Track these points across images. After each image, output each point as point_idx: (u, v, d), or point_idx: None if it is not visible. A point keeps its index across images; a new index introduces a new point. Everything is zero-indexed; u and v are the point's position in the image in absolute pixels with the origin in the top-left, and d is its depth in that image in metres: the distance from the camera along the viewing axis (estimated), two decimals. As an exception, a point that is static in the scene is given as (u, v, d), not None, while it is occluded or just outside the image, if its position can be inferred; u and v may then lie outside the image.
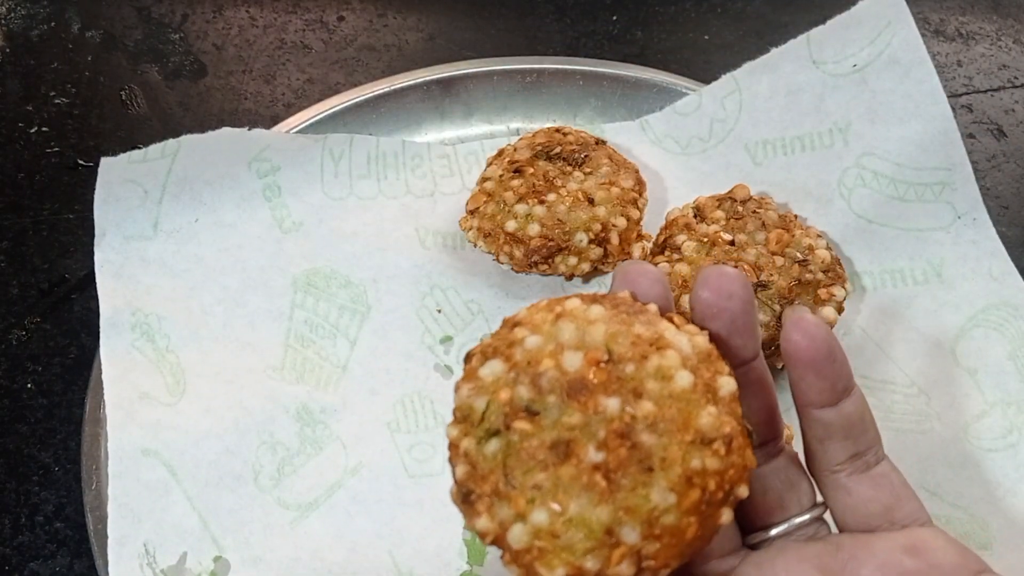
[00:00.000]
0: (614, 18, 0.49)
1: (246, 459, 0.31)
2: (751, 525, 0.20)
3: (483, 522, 0.17)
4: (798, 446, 0.20)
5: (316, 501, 0.31)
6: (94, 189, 0.34)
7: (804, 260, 0.33)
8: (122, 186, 0.35)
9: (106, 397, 0.31)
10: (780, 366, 0.33)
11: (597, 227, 0.34)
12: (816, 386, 0.18)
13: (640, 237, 0.36)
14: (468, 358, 0.19)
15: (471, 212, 0.36)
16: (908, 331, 0.35)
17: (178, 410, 0.32)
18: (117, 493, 0.30)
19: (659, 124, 0.39)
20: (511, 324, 0.18)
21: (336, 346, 0.34)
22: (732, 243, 0.33)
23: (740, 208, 0.34)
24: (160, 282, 0.34)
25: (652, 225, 0.37)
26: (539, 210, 0.34)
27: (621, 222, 0.35)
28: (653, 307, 0.18)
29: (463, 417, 0.18)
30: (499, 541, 0.17)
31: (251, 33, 0.48)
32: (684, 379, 0.17)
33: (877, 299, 0.35)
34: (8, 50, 0.46)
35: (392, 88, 0.40)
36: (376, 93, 0.40)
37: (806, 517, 0.20)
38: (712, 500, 0.17)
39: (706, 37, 0.48)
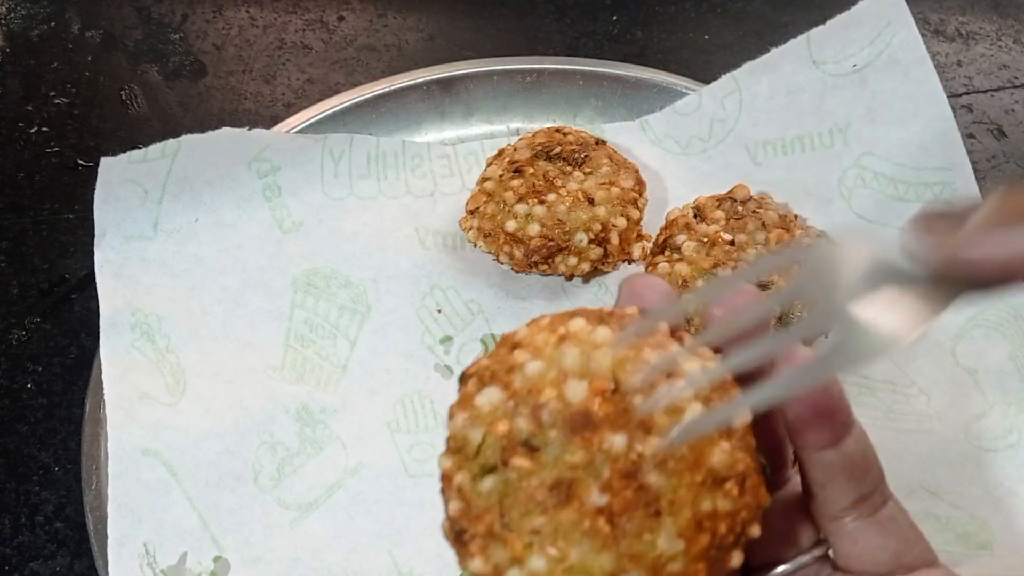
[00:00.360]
0: (614, 18, 0.49)
1: (246, 459, 0.31)
2: (754, 566, 0.19)
3: (477, 564, 0.16)
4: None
5: (316, 501, 0.31)
6: (94, 189, 0.34)
7: (804, 260, 0.33)
8: (122, 186, 0.35)
9: (106, 397, 0.31)
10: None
11: (597, 227, 0.34)
12: (814, 425, 0.17)
13: (640, 237, 0.36)
14: (464, 379, 0.17)
15: (471, 212, 0.36)
16: (908, 331, 0.35)
17: (178, 410, 0.32)
18: (117, 493, 0.30)
19: (659, 124, 0.39)
20: (510, 345, 0.17)
21: (336, 346, 0.34)
22: (732, 243, 0.33)
23: (740, 208, 0.34)
24: (160, 282, 0.34)
25: (652, 225, 0.37)
26: (539, 210, 0.34)
27: (621, 222, 0.35)
28: (664, 326, 0.17)
29: (457, 448, 0.17)
30: None
31: (251, 33, 0.48)
32: (695, 412, 0.16)
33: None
34: (8, 50, 0.46)
35: (392, 88, 0.40)
36: (376, 93, 0.40)
37: (808, 558, 0.19)
38: (723, 544, 0.16)
39: (706, 37, 0.48)
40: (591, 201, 0.35)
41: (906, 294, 0.14)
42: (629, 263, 0.36)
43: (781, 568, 0.19)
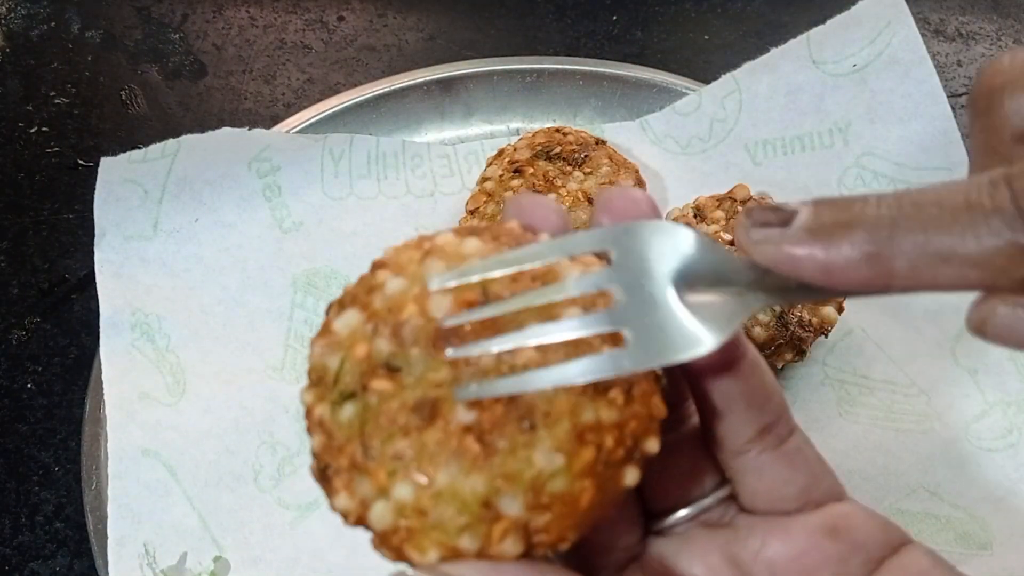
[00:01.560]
0: (614, 18, 0.49)
1: (246, 459, 0.31)
2: (654, 510, 0.18)
3: (342, 501, 0.14)
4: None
5: (316, 501, 0.31)
6: (94, 189, 0.34)
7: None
8: (122, 186, 0.35)
9: (106, 397, 0.31)
10: (780, 366, 0.33)
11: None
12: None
13: (640, 237, 0.36)
14: (327, 310, 0.16)
15: (471, 212, 0.36)
16: (908, 331, 0.35)
17: (178, 410, 0.32)
18: (117, 493, 0.30)
19: (659, 124, 0.39)
20: (375, 266, 0.16)
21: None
22: (732, 243, 0.33)
23: (740, 208, 0.34)
24: (160, 282, 0.34)
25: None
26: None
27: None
28: (545, 237, 0.16)
29: (317, 379, 0.15)
30: (363, 522, 0.14)
31: (251, 33, 0.48)
32: (574, 316, 0.14)
33: (877, 299, 0.35)
34: (8, 50, 0.46)
35: (392, 88, 0.40)
36: (376, 93, 0.40)
37: (711, 499, 0.17)
38: (611, 459, 0.14)
39: (706, 37, 0.48)
40: (591, 201, 0.35)
41: (719, 295, 0.14)
42: (629, 263, 0.36)
43: (682, 512, 0.17)
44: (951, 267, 0.12)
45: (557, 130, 0.37)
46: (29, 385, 0.35)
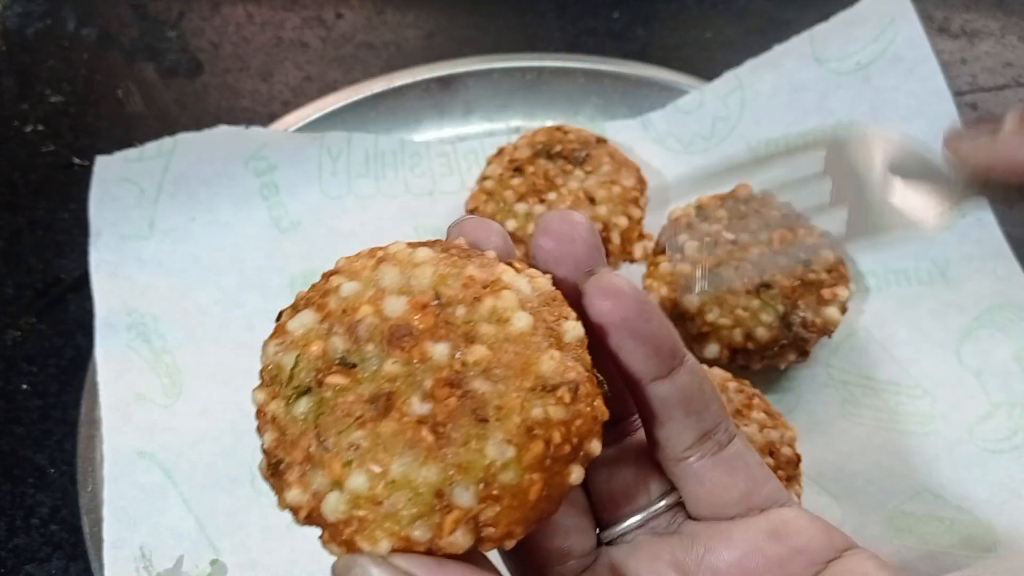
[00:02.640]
0: (615, 15, 0.48)
1: (243, 461, 0.31)
2: (605, 519, 0.18)
3: (294, 494, 0.15)
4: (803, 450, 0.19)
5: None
6: (90, 188, 0.34)
7: (807, 260, 0.32)
8: (118, 185, 0.34)
9: (101, 399, 0.31)
10: (783, 366, 0.33)
11: (598, 226, 0.34)
12: (638, 352, 0.16)
13: (641, 236, 0.36)
14: (279, 315, 0.16)
15: (471, 211, 0.35)
16: (912, 332, 0.34)
17: (174, 412, 0.31)
18: (113, 496, 0.29)
19: (661, 122, 0.39)
20: (328, 274, 0.16)
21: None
22: (735, 242, 0.33)
23: (743, 207, 0.34)
24: (156, 282, 0.34)
25: (653, 224, 0.36)
26: (539, 209, 0.34)
27: (622, 221, 0.34)
28: (491, 253, 0.17)
29: (271, 379, 0.15)
30: (314, 517, 0.15)
31: (248, 30, 0.47)
32: (522, 321, 0.15)
33: (881, 299, 0.35)
34: (4, 48, 0.46)
35: (391, 86, 0.40)
36: (374, 91, 0.40)
37: (658, 506, 0.18)
38: (558, 455, 0.15)
39: (708, 34, 0.48)
40: (592, 200, 0.34)
41: (931, 186, 0.15)
42: (631, 263, 0.36)
43: (631, 520, 0.18)
44: None
45: (558, 128, 0.37)
46: (24, 386, 0.35)
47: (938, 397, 0.33)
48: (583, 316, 0.16)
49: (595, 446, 0.15)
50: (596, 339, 0.16)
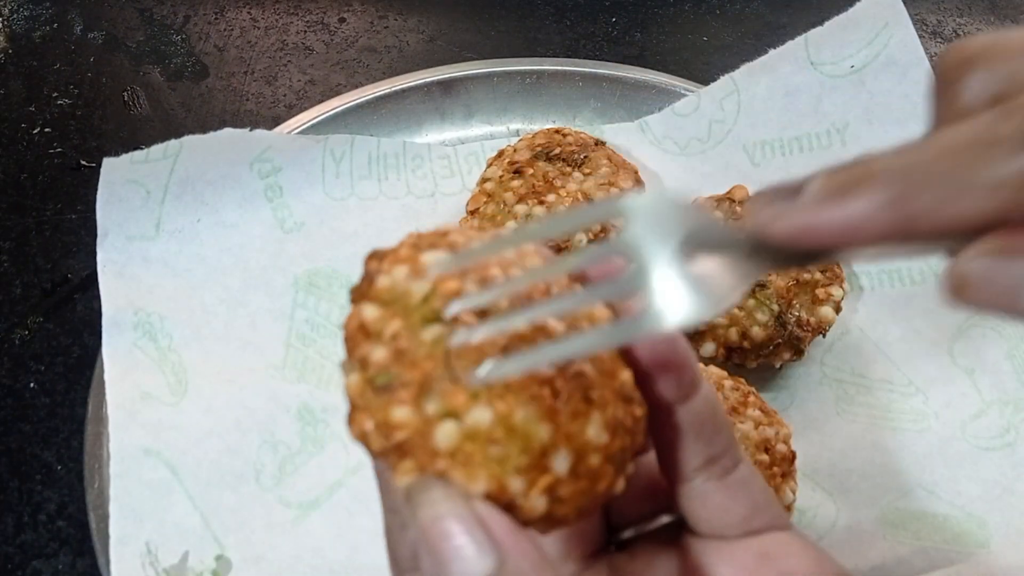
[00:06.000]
0: (613, 20, 0.49)
1: (247, 458, 0.31)
2: (613, 524, 0.19)
3: (403, 412, 0.14)
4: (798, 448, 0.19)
5: (317, 500, 0.31)
6: (96, 189, 0.34)
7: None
8: (124, 186, 0.35)
9: (108, 397, 0.31)
10: (778, 364, 0.33)
11: (596, 227, 0.34)
12: (664, 379, 0.17)
13: (639, 237, 0.36)
14: (380, 255, 0.16)
15: (471, 213, 0.36)
16: (906, 331, 0.35)
17: (180, 409, 0.32)
18: (119, 493, 0.30)
19: (658, 125, 0.40)
20: (441, 233, 0.16)
21: (337, 345, 0.34)
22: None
23: (739, 209, 0.34)
24: (162, 282, 0.34)
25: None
26: (539, 211, 0.34)
27: (621, 223, 0.35)
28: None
29: (390, 299, 0.15)
30: (411, 442, 0.14)
31: (253, 34, 0.48)
32: (606, 322, 0.16)
33: (875, 298, 0.36)
34: (11, 51, 0.47)
35: (393, 89, 0.40)
36: (377, 94, 0.40)
37: (661, 521, 0.19)
38: (623, 458, 0.15)
39: (705, 39, 0.48)
40: (591, 201, 0.35)
41: (724, 259, 0.14)
42: (628, 263, 0.36)
43: (634, 529, 0.19)
44: (972, 197, 0.13)
45: (557, 131, 0.38)
46: (32, 384, 0.35)
47: (931, 395, 0.33)
48: None
49: (632, 468, 0.16)
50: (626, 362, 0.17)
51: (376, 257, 0.16)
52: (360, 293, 0.15)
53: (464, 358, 0.14)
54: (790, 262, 0.15)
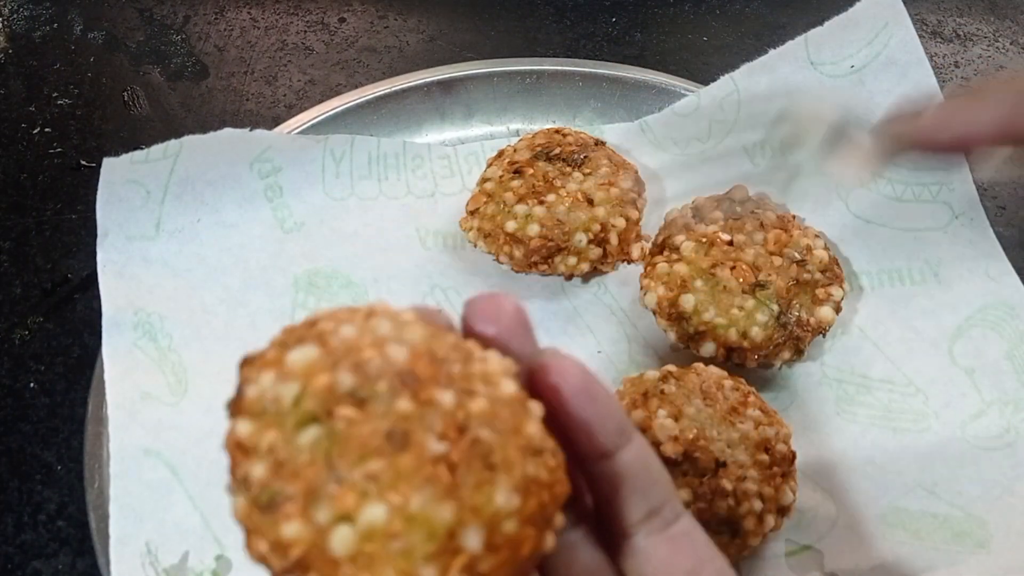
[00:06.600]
0: (613, 20, 0.49)
1: (248, 458, 0.31)
2: None
3: (294, 528, 0.14)
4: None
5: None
6: (96, 189, 0.34)
7: (802, 260, 0.33)
8: (124, 186, 0.35)
9: (108, 397, 0.31)
10: (778, 364, 0.33)
11: (596, 227, 0.34)
12: (585, 431, 0.16)
13: (639, 237, 0.36)
14: (249, 361, 0.16)
15: (471, 213, 0.36)
16: (906, 331, 0.35)
17: (180, 409, 0.32)
18: (119, 493, 0.30)
19: (658, 125, 0.40)
20: (309, 323, 0.16)
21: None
22: (730, 243, 0.33)
23: (738, 208, 0.34)
24: (162, 282, 0.34)
25: (651, 225, 0.37)
26: (539, 211, 0.34)
27: (620, 222, 0.35)
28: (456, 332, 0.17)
29: (261, 410, 0.15)
30: (310, 554, 0.14)
31: (253, 34, 0.48)
32: (510, 387, 0.15)
33: (875, 299, 0.36)
34: (11, 51, 0.47)
35: (393, 89, 0.41)
36: (377, 94, 0.40)
37: None
38: (544, 515, 0.15)
39: (704, 39, 0.48)
40: (590, 202, 0.35)
41: (858, 153, 0.17)
42: (628, 263, 0.36)
43: None
44: None
45: (557, 131, 0.38)
46: (32, 384, 0.35)
47: (931, 395, 0.33)
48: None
49: (560, 519, 0.15)
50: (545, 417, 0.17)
51: (245, 363, 0.15)
52: (234, 407, 0.15)
53: (348, 454, 0.14)
54: (905, 159, 0.19)
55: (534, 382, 0.17)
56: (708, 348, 0.32)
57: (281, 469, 0.14)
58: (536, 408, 0.16)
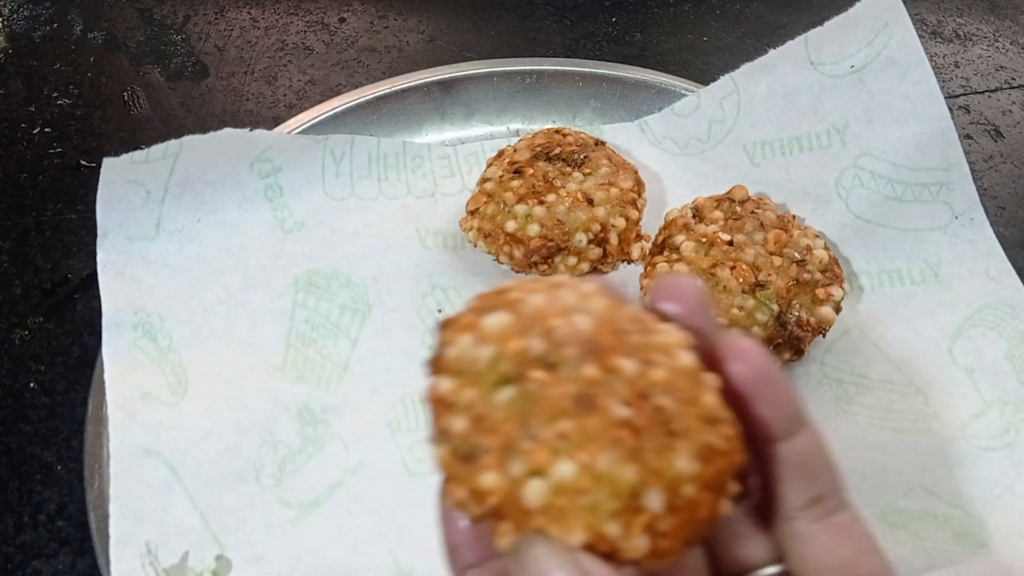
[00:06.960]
0: (613, 20, 0.49)
1: (247, 458, 0.31)
2: (717, 571, 0.19)
3: (491, 478, 0.15)
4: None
5: (317, 500, 0.31)
6: (96, 189, 0.34)
7: (802, 260, 0.33)
8: (124, 186, 0.35)
9: (108, 397, 0.31)
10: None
11: (596, 227, 0.34)
12: (763, 414, 0.17)
13: (639, 237, 0.36)
14: (448, 324, 0.17)
15: (471, 212, 0.36)
16: (906, 331, 0.35)
17: (180, 409, 0.32)
18: (119, 493, 0.30)
19: (658, 125, 0.40)
20: (498, 291, 0.17)
21: (337, 345, 0.34)
22: (730, 243, 0.33)
23: (738, 208, 0.35)
24: (162, 282, 0.34)
25: (651, 225, 0.37)
26: (539, 211, 0.34)
27: (620, 222, 0.35)
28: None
29: (459, 370, 0.16)
30: (504, 504, 0.15)
31: (253, 34, 0.48)
32: (687, 358, 0.16)
33: (875, 299, 0.36)
34: (11, 51, 0.47)
35: (393, 89, 0.41)
36: (377, 94, 0.40)
37: (769, 570, 0.18)
38: (720, 483, 0.15)
39: (704, 39, 0.48)
40: (590, 201, 0.35)
41: None
42: (628, 263, 0.36)
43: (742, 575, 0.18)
44: None
45: (557, 131, 0.38)
46: (32, 384, 0.36)
47: (931, 395, 0.33)
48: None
49: (735, 486, 0.16)
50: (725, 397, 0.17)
51: (444, 326, 0.17)
52: (435, 366, 0.16)
53: (540, 414, 0.15)
54: None
55: (712, 360, 0.17)
56: (708, 348, 0.32)
57: (480, 424, 0.15)
58: (712, 380, 0.16)
